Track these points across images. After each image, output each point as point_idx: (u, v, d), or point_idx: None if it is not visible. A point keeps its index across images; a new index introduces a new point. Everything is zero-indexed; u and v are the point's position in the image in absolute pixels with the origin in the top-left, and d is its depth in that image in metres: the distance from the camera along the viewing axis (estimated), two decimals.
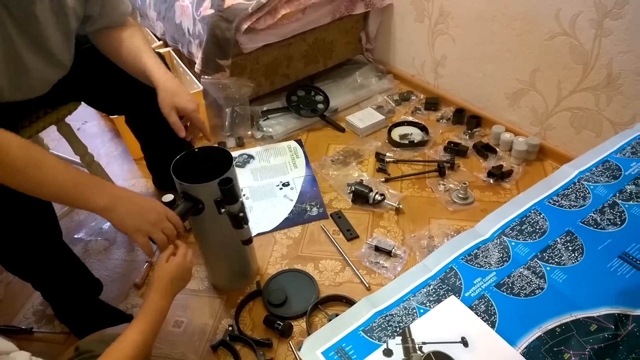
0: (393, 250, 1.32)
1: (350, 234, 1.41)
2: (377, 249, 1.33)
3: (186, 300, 1.28)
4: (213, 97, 1.80)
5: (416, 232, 1.39)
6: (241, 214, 1.06)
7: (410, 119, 1.84)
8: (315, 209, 1.52)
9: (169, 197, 0.99)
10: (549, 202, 0.87)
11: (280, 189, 1.61)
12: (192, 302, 1.27)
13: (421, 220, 1.43)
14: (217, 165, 1.05)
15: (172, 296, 0.89)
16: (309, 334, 1.08)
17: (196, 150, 1.09)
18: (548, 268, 0.75)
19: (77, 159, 1.45)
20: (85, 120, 2.07)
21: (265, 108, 1.91)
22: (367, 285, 1.26)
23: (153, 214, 0.88)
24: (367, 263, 1.31)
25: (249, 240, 1.14)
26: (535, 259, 0.77)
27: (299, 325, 1.18)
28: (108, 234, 1.51)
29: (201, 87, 1.73)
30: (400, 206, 1.46)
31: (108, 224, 1.55)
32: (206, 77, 1.72)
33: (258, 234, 1.45)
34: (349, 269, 1.31)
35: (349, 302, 1.21)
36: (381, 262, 1.31)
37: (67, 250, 1.11)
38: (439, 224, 1.40)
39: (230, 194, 1.00)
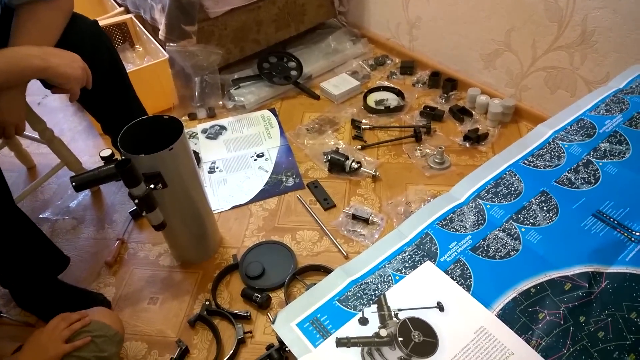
0: (370, 217, 1.31)
1: (328, 203, 1.39)
2: (355, 217, 1.32)
3: (160, 276, 1.25)
4: (180, 65, 1.72)
5: (393, 199, 1.37)
6: (145, 198, 0.99)
7: (386, 84, 1.80)
8: (291, 179, 1.48)
9: (106, 152, 0.95)
10: (524, 162, 0.86)
11: (255, 160, 1.57)
12: (167, 278, 1.24)
13: (398, 186, 1.42)
14: (170, 135, 1.01)
15: None
16: (272, 321, 1.07)
17: (147, 119, 1.06)
18: (523, 229, 0.75)
19: (35, 134, 1.38)
20: (45, 94, 1.96)
21: (235, 76, 1.84)
22: (345, 254, 1.25)
23: (79, 62, 0.98)
24: (344, 232, 1.30)
25: (160, 226, 1.08)
26: (511, 221, 0.76)
27: (278, 297, 1.17)
28: (76, 212, 1.45)
29: (167, 56, 1.64)
30: (377, 173, 1.44)
31: (75, 202, 1.49)
32: (171, 44, 1.64)
33: (233, 207, 1.42)
34: (326, 238, 1.30)
35: (327, 272, 1.20)
36: (359, 230, 1.30)
37: (20, 215, 1.04)
38: (416, 190, 1.39)
39: (128, 176, 0.94)
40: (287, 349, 1.00)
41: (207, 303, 1.15)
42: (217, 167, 1.56)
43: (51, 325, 0.91)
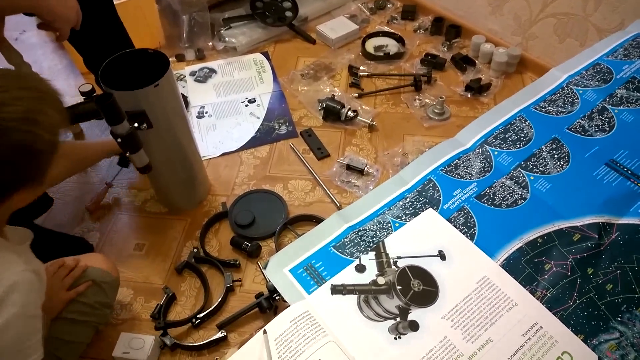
0: (365, 168, 1.26)
1: (321, 153, 1.33)
2: (349, 167, 1.27)
3: (147, 223, 1.20)
4: (167, 1, 1.60)
5: (390, 150, 1.32)
6: (129, 138, 0.92)
7: (386, 29, 1.70)
8: (283, 126, 1.42)
9: (87, 87, 0.88)
10: (535, 108, 0.81)
11: (246, 105, 1.49)
12: (154, 225, 1.20)
13: (395, 137, 1.36)
14: (157, 72, 0.94)
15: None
16: (264, 266, 1.04)
17: (131, 52, 0.97)
18: (532, 177, 0.71)
19: (12, 68, 1.28)
20: (24, 29, 1.83)
21: (226, 16, 1.72)
22: (339, 205, 1.21)
23: (73, 1, 0.92)
24: (338, 182, 1.26)
25: (145, 168, 1.01)
26: (519, 168, 0.72)
27: (268, 246, 1.14)
28: None
29: None
30: (374, 123, 1.38)
31: None
32: None
33: (223, 154, 1.36)
34: (319, 188, 1.25)
35: (319, 222, 1.16)
36: (353, 180, 1.26)
37: None
38: (414, 141, 1.34)
39: (109, 112, 0.87)
40: (277, 297, 0.97)
41: (195, 250, 1.11)
42: (206, 112, 1.48)
43: (49, 273, 0.87)
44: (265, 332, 0.55)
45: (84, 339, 0.91)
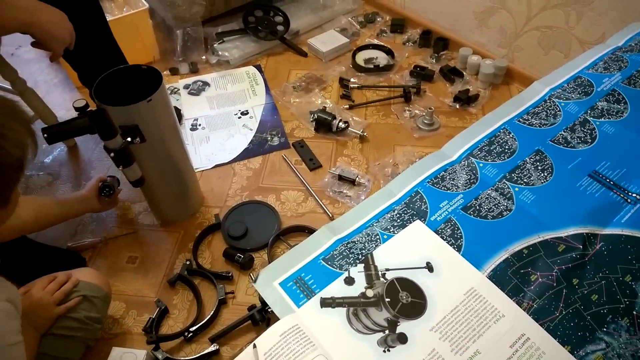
0: (357, 178, 1.28)
1: (313, 164, 1.34)
2: (341, 178, 1.28)
3: (140, 235, 1.20)
4: (161, 16, 1.62)
5: (380, 160, 1.34)
6: (122, 152, 0.94)
7: (376, 42, 1.73)
8: (276, 138, 1.43)
9: (81, 102, 0.89)
10: (519, 120, 0.82)
11: (239, 117, 1.51)
12: (146, 237, 1.20)
13: (386, 147, 1.38)
14: (150, 87, 0.95)
15: (28, 329, 0.80)
16: (254, 280, 1.04)
17: (125, 68, 0.99)
18: (517, 189, 0.72)
19: (7, 85, 1.29)
20: (19, 44, 1.84)
21: (220, 30, 1.74)
22: (331, 215, 1.22)
23: (67, 22, 0.93)
24: (330, 193, 1.27)
25: (137, 182, 1.03)
26: (504, 180, 0.73)
27: (261, 257, 1.14)
28: (51, 167, 1.38)
29: (147, 5, 1.54)
30: (365, 134, 1.40)
31: (50, 157, 1.42)
32: None
33: (216, 166, 1.36)
34: (311, 199, 1.26)
35: (311, 233, 1.16)
36: (345, 191, 1.27)
37: None
38: (404, 151, 1.36)
39: (102, 127, 0.88)
40: (269, 309, 0.98)
41: (188, 263, 1.12)
42: (200, 125, 1.49)
43: (39, 288, 0.87)
44: (255, 346, 0.56)
45: (74, 355, 0.90)
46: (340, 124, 1.40)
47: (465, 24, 1.60)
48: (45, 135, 0.90)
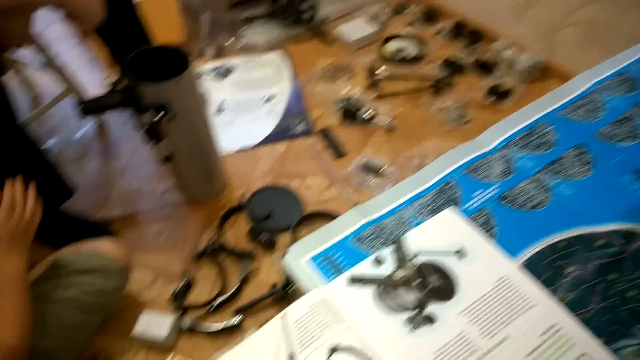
0: (382, 169, 1.26)
1: (338, 152, 1.34)
2: (366, 167, 1.28)
3: (167, 212, 1.22)
4: None
5: (407, 152, 1.32)
6: (153, 128, 0.95)
7: (406, 32, 1.70)
8: (301, 125, 1.43)
9: (113, 78, 0.90)
10: (559, 113, 0.80)
11: (264, 103, 1.51)
12: (173, 214, 1.22)
13: (413, 139, 1.36)
14: (178, 68, 0.95)
15: (19, 253, 0.78)
16: (283, 255, 1.05)
17: (153, 48, 0.99)
18: (554, 182, 0.70)
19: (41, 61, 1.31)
20: (48, 23, 1.87)
21: (247, 14, 1.74)
22: (354, 204, 1.21)
23: None
24: (354, 181, 1.26)
25: (167, 158, 1.05)
26: (542, 172, 0.71)
27: (284, 239, 1.15)
28: (82, 142, 1.41)
29: None
30: (392, 124, 1.39)
31: (80, 132, 1.44)
32: None
33: (241, 150, 1.37)
34: (335, 186, 1.26)
35: (334, 219, 1.17)
36: (369, 180, 1.26)
37: (26, 139, 0.99)
38: (432, 144, 1.34)
39: (136, 102, 0.90)
40: (291, 288, 0.99)
41: (213, 240, 1.13)
42: (225, 108, 1.50)
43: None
44: (284, 314, 0.56)
45: (93, 322, 0.92)
46: (368, 113, 1.38)
47: (502, 15, 1.56)
48: (80, 108, 0.91)
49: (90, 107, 0.94)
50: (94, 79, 1.62)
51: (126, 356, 0.96)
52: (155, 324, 0.95)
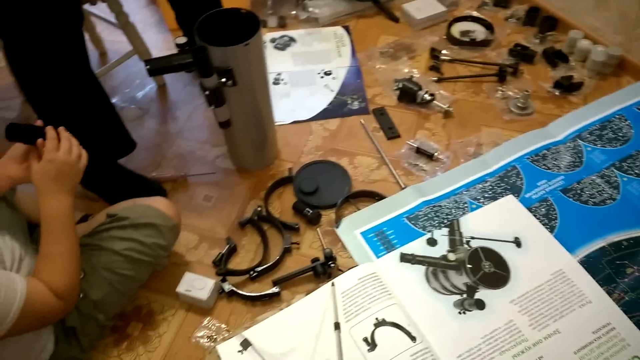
0: (435, 154, 1.23)
1: (392, 133, 1.32)
2: (419, 150, 1.25)
3: (217, 177, 1.25)
4: None
5: (463, 138, 1.28)
6: (216, 92, 0.96)
7: (475, 14, 1.64)
8: (356, 102, 1.42)
9: (182, 39, 0.91)
10: (638, 108, 0.75)
11: (322, 77, 1.50)
12: (223, 180, 1.25)
13: (471, 126, 1.32)
14: (245, 33, 0.96)
15: (65, 193, 0.79)
16: (337, 225, 1.04)
17: (224, 11, 1.01)
18: (625, 179, 0.67)
19: (112, 17, 1.36)
20: None
21: None
22: (403, 186, 1.19)
23: None
24: (405, 164, 1.24)
25: (225, 123, 1.05)
26: (612, 168, 0.68)
27: (328, 216, 1.15)
28: (142, 102, 1.46)
29: None
30: (451, 109, 1.35)
31: (142, 92, 1.50)
32: None
33: (294, 122, 1.38)
34: (385, 167, 1.24)
35: (381, 200, 1.16)
36: (421, 164, 1.23)
37: (97, 86, 1.02)
38: (490, 133, 1.29)
39: (203, 65, 0.91)
40: (332, 264, 0.99)
41: (259, 209, 1.15)
42: (282, 80, 1.51)
43: (53, 150, 0.78)
44: (333, 284, 0.57)
45: (141, 275, 0.95)
46: (426, 95, 1.35)
47: (580, 3, 1.47)
48: (147, 67, 0.94)
49: (157, 67, 0.97)
50: (160, 40, 1.67)
51: (167, 313, 1.00)
52: (197, 285, 0.98)
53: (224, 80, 0.98)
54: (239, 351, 0.75)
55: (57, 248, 0.76)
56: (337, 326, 0.55)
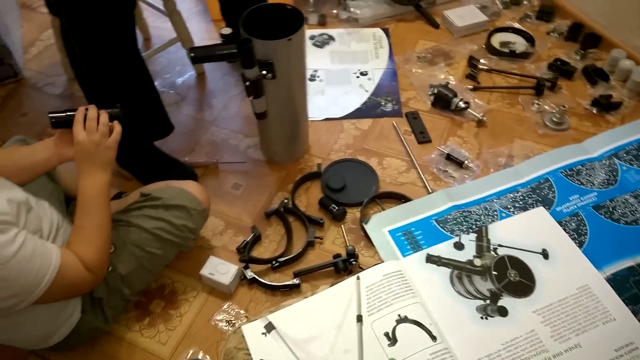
0: (466, 162, 1.23)
1: (423, 137, 1.32)
2: (449, 157, 1.25)
3: (247, 166, 1.28)
4: None
5: (495, 149, 1.28)
6: (256, 83, 0.98)
7: (517, 26, 1.62)
8: (390, 104, 1.42)
9: (227, 30, 0.94)
10: None
11: (357, 77, 1.52)
12: (253, 170, 1.28)
13: (504, 137, 1.31)
14: (288, 28, 0.98)
15: (97, 171, 0.82)
16: (361, 224, 1.06)
17: (270, 5, 1.03)
18: None
19: (159, 4, 1.41)
20: None
21: None
22: (430, 191, 1.19)
23: None
24: (434, 169, 1.24)
25: (261, 115, 1.08)
26: None
27: (353, 214, 1.16)
28: (180, 89, 1.51)
29: None
30: (484, 118, 1.34)
31: (181, 79, 1.54)
32: None
33: (326, 119, 1.40)
34: (414, 171, 1.25)
35: (406, 203, 1.16)
36: (450, 171, 1.23)
37: (142, 66, 1.06)
38: (523, 145, 1.28)
39: (246, 56, 0.93)
40: (353, 262, 1.01)
41: (286, 201, 1.17)
42: (318, 76, 1.53)
43: (80, 131, 0.81)
44: (358, 278, 0.58)
45: (168, 255, 0.98)
46: (461, 103, 1.35)
47: (626, 22, 1.44)
48: (191, 54, 0.97)
49: (201, 55, 1.00)
50: (202, 29, 1.71)
51: (189, 295, 1.03)
52: (221, 269, 1.00)
53: (264, 72, 1.00)
54: (263, 333, 0.77)
55: (90, 222, 0.80)
56: (359, 319, 0.56)
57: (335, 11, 1.71)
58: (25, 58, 1.63)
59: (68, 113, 0.83)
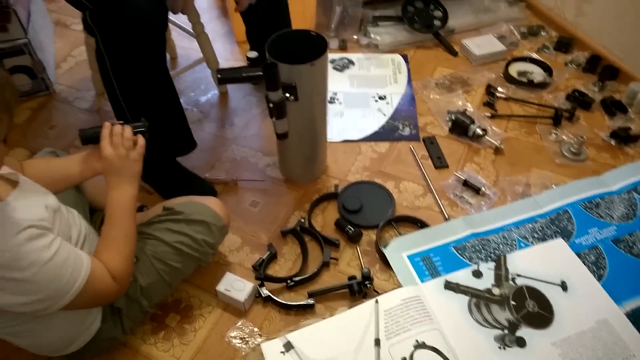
0: (483, 188, 1.24)
1: (440, 162, 1.34)
2: (466, 183, 1.26)
3: (266, 185, 1.30)
4: None
5: (512, 177, 1.28)
6: (279, 105, 1.01)
7: (535, 56, 1.64)
8: (407, 129, 1.44)
9: (253, 54, 0.97)
10: None
11: (376, 101, 1.54)
12: (270, 188, 1.30)
13: (521, 165, 1.32)
14: (311, 52, 1.01)
15: (124, 184, 0.85)
16: (377, 246, 1.07)
17: (295, 31, 1.07)
18: None
19: (189, 26, 1.46)
20: None
21: (377, 14, 1.78)
22: (447, 217, 1.20)
23: None
24: (451, 195, 1.25)
25: (283, 135, 1.11)
26: None
27: (368, 236, 1.17)
28: (204, 107, 1.55)
29: None
30: (502, 146, 1.35)
31: (205, 97, 1.58)
32: None
33: (344, 141, 1.42)
34: (430, 196, 1.26)
35: (424, 227, 1.17)
36: (467, 197, 1.24)
37: (169, 82, 1.10)
38: (541, 174, 1.28)
39: (272, 79, 0.96)
40: (368, 284, 1.01)
41: (302, 221, 1.19)
42: (337, 99, 1.56)
43: (108, 146, 0.84)
44: (377, 301, 0.59)
45: (187, 269, 0.99)
46: (478, 130, 1.37)
47: None
48: (218, 76, 1.01)
49: (227, 77, 1.04)
50: (227, 50, 1.77)
51: (204, 310, 1.04)
52: (237, 286, 1.01)
53: (287, 95, 1.03)
54: (282, 352, 0.78)
55: (118, 232, 0.82)
56: (377, 342, 0.57)
57: (355, 37, 1.76)
58: (57, 73, 1.69)
59: (95, 129, 0.87)
